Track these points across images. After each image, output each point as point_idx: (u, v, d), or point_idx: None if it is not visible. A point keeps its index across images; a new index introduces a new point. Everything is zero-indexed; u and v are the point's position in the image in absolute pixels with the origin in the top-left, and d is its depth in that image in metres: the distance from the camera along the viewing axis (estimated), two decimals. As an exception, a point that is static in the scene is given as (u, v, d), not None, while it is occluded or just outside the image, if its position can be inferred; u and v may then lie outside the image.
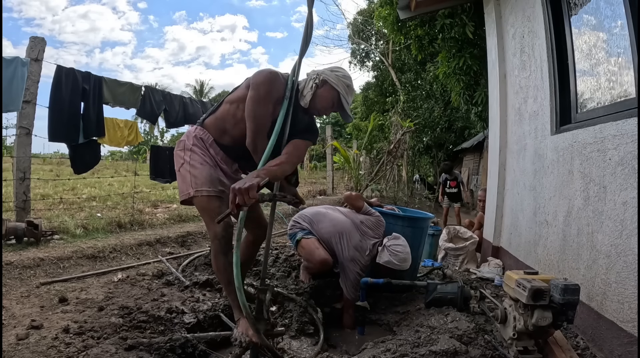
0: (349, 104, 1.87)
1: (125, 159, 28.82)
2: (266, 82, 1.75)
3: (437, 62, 6.90)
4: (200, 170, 1.86)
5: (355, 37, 16.87)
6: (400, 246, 2.54)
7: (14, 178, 3.61)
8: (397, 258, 2.49)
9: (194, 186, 1.83)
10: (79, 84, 3.98)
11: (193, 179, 1.84)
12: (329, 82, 1.82)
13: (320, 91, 1.83)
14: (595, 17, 2.41)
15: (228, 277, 1.77)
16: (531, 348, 1.83)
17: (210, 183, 1.85)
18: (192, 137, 1.92)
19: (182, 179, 1.89)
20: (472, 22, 4.65)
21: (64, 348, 1.73)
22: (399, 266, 2.51)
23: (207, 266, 3.19)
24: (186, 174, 1.87)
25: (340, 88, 1.83)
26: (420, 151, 13.43)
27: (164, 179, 5.10)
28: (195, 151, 1.90)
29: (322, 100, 1.84)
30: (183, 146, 1.93)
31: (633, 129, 1.77)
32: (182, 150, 1.93)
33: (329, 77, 1.83)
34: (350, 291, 2.52)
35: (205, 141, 1.93)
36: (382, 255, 2.53)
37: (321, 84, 1.83)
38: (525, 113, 3.28)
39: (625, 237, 1.81)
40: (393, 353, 1.80)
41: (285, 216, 6.17)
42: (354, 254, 2.52)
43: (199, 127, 1.96)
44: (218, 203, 1.84)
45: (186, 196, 1.84)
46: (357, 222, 2.65)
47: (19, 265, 2.88)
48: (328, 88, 1.83)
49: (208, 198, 1.82)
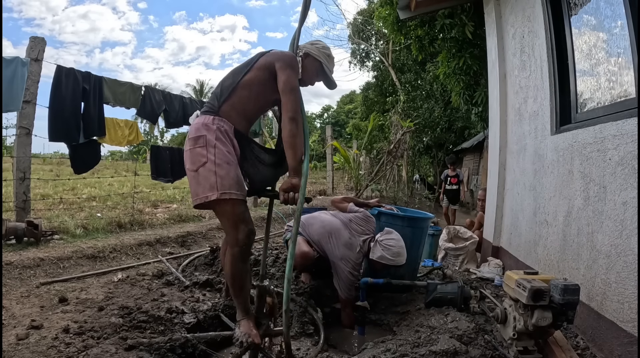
0: (331, 72, 2.03)
1: (125, 159, 28.84)
2: (297, 63, 1.89)
3: (437, 62, 6.91)
4: (227, 170, 1.69)
5: (355, 37, 16.86)
6: (392, 240, 2.52)
7: (14, 178, 3.61)
8: (390, 253, 2.47)
9: (220, 189, 1.65)
10: (79, 84, 3.98)
11: (219, 181, 1.66)
12: (311, 55, 1.97)
13: (305, 62, 1.97)
14: (595, 17, 2.41)
15: (241, 283, 1.76)
16: (531, 348, 1.83)
17: (239, 186, 1.71)
18: (214, 130, 1.72)
19: (203, 180, 1.68)
20: (472, 22, 4.65)
21: (64, 348, 1.73)
22: (393, 261, 2.48)
23: (207, 266, 3.20)
24: (209, 174, 1.67)
25: (321, 58, 1.98)
26: (420, 151, 13.43)
27: (166, 179, 5.09)
28: (219, 146, 1.71)
29: (307, 71, 1.98)
30: (204, 141, 1.70)
31: (633, 129, 1.77)
32: (204, 147, 1.70)
33: (311, 50, 1.97)
34: (345, 291, 2.51)
35: (229, 133, 1.77)
36: (374, 250, 2.52)
37: (305, 57, 1.97)
38: (525, 113, 3.28)
39: (625, 237, 1.81)
40: (393, 353, 1.80)
41: (286, 216, 6.17)
42: (344, 252, 2.52)
43: (217, 118, 1.76)
44: (243, 208, 1.73)
45: (204, 199, 1.66)
46: (346, 221, 2.68)
47: (19, 265, 2.88)
48: (311, 60, 1.98)
49: (234, 203, 1.68)
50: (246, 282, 1.78)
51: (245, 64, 1.91)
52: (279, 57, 1.85)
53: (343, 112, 39.58)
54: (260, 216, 5.64)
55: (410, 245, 2.92)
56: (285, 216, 6.17)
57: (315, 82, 2.07)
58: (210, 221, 5.29)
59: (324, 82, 2.07)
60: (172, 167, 5.07)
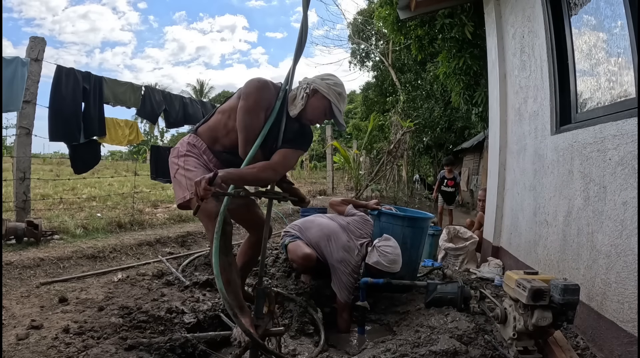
0: (341, 113, 1.86)
1: (125, 159, 28.83)
2: (255, 91, 1.77)
3: (437, 62, 6.91)
4: (195, 173, 1.86)
5: (355, 37, 16.87)
6: (390, 247, 2.53)
7: (14, 178, 3.61)
8: (386, 259, 2.48)
9: (190, 189, 1.83)
10: (79, 83, 3.98)
11: (188, 183, 1.85)
12: (320, 92, 1.81)
13: (312, 100, 1.82)
14: (595, 17, 2.41)
15: (227, 277, 1.76)
16: (531, 348, 1.83)
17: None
18: (186, 144, 1.98)
19: (178, 185, 1.92)
20: (472, 22, 4.65)
21: (64, 348, 1.73)
22: (388, 268, 2.48)
23: (207, 266, 3.19)
24: (181, 178, 1.90)
25: (331, 97, 1.81)
26: (420, 151, 13.45)
27: (165, 179, 5.10)
28: (188, 155, 1.95)
29: (313, 109, 1.83)
30: (177, 153, 1.98)
31: (633, 129, 1.77)
32: (176, 157, 1.97)
33: (320, 87, 1.81)
34: (343, 294, 2.51)
35: (198, 148, 1.98)
36: (371, 255, 2.53)
37: (312, 94, 1.81)
38: (525, 113, 3.28)
39: (625, 237, 1.81)
40: (393, 353, 1.80)
41: (286, 217, 6.17)
42: (343, 255, 2.52)
43: (192, 135, 2.01)
44: (214, 204, 1.80)
45: (182, 200, 1.87)
46: (344, 224, 2.69)
47: (19, 265, 2.88)
48: (319, 97, 1.82)
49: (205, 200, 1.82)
50: (232, 275, 1.78)
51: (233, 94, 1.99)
52: (244, 85, 1.85)
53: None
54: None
55: (410, 245, 2.92)
56: (285, 216, 6.17)
57: (321, 122, 1.95)
58: (210, 221, 5.29)
59: (334, 122, 1.91)
60: (171, 167, 5.06)
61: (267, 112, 1.80)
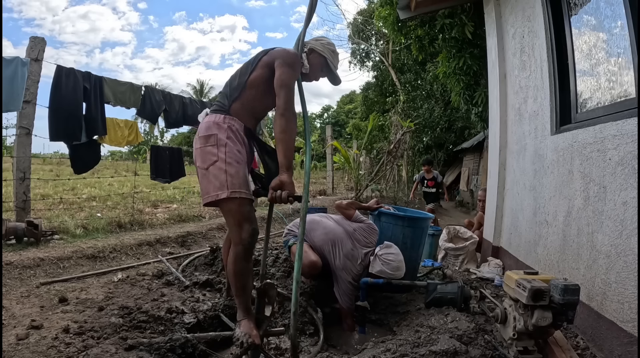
0: (336, 68, 2.07)
1: (125, 159, 28.82)
2: (297, 60, 1.88)
3: (437, 62, 6.90)
4: (237, 169, 1.73)
5: (355, 37, 16.86)
6: (392, 254, 2.52)
7: (14, 178, 3.61)
8: (390, 267, 2.48)
9: (230, 187, 1.69)
10: (80, 83, 3.98)
11: (229, 179, 1.69)
12: (315, 50, 2.00)
13: (310, 58, 2.00)
14: (595, 17, 2.41)
15: (243, 282, 1.78)
16: (531, 348, 1.83)
17: (247, 185, 1.76)
18: (226, 129, 1.77)
19: (214, 178, 1.71)
20: (472, 22, 4.65)
21: (64, 348, 1.73)
22: (392, 275, 2.49)
23: (207, 266, 3.19)
24: (219, 173, 1.70)
25: (326, 54, 2.01)
26: (420, 151, 13.42)
27: (164, 179, 5.10)
28: (230, 145, 1.75)
29: (311, 66, 2.00)
30: (215, 140, 1.74)
31: (633, 129, 1.77)
32: (214, 146, 1.74)
33: (316, 46, 2.00)
34: (345, 301, 2.51)
35: (239, 131, 1.81)
36: (374, 264, 2.52)
37: (309, 52, 1.99)
38: (525, 113, 3.28)
39: (625, 237, 1.81)
40: (393, 353, 1.80)
41: (286, 216, 6.17)
42: (346, 263, 2.51)
43: (228, 117, 1.80)
44: (249, 208, 1.75)
45: (215, 197, 1.69)
46: (350, 230, 2.64)
47: (19, 265, 2.88)
48: (316, 55, 2.01)
49: (241, 201, 1.72)
50: (248, 281, 1.79)
51: (250, 62, 1.93)
52: (279, 54, 1.85)
53: (343, 112, 39.56)
54: (261, 216, 5.63)
55: (410, 245, 2.92)
56: (286, 216, 6.17)
57: (319, 78, 2.10)
58: (210, 221, 5.30)
59: (328, 77, 2.10)
60: (170, 167, 5.07)
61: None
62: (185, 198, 6.91)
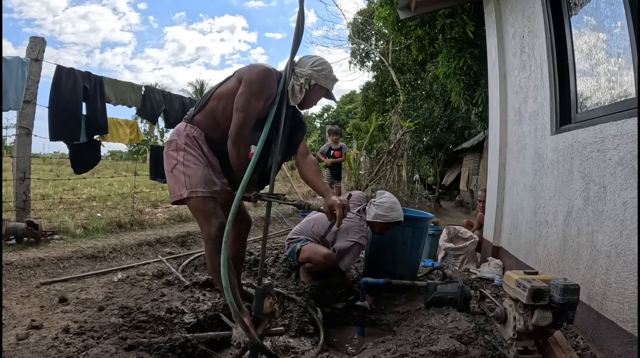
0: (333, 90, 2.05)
1: (125, 159, 28.82)
2: (260, 80, 1.82)
3: (437, 62, 6.90)
4: (195, 170, 1.85)
5: (355, 37, 16.85)
6: (384, 197, 2.59)
7: (14, 178, 3.61)
8: (382, 208, 2.50)
9: (189, 187, 1.83)
10: (79, 83, 3.97)
11: (187, 180, 1.83)
12: (318, 84, 1.94)
13: (312, 91, 1.95)
14: (595, 17, 2.41)
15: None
16: (531, 348, 1.83)
17: (205, 184, 1.86)
18: (184, 136, 1.91)
19: (175, 180, 1.87)
20: (472, 22, 4.65)
21: (64, 348, 1.73)
22: (388, 217, 2.50)
23: (206, 266, 3.19)
24: (179, 175, 1.86)
25: (329, 86, 1.98)
26: (420, 151, 13.41)
27: (164, 180, 5.08)
28: (188, 150, 1.89)
29: (313, 99, 1.99)
30: (175, 146, 1.91)
31: (633, 129, 1.77)
32: (175, 150, 1.90)
33: (319, 80, 1.93)
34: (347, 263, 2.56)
35: (197, 139, 1.92)
36: (369, 211, 2.58)
37: (313, 85, 1.93)
38: (525, 113, 3.28)
39: (625, 237, 1.81)
40: (393, 353, 1.80)
41: (285, 216, 6.17)
42: (346, 225, 2.54)
43: (189, 125, 1.94)
44: (213, 204, 1.85)
45: (178, 197, 1.84)
46: None
47: (19, 265, 2.88)
48: (318, 89, 1.96)
49: (203, 199, 1.83)
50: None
51: (228, 76, 1.97)
52: (246, 70, 1.86)
53: (343, 112, 39.54)
54: (260, 216, 5.64)
55: (410, 245, 2.93)
56: (286, 216, 6.17)
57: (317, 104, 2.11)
58: (210, 221, 5.28)
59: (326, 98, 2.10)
60: (171, 167, 5.06)
61: (268, 102, 1.86)
62: (185, 198, 6.89)
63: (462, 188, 13.03)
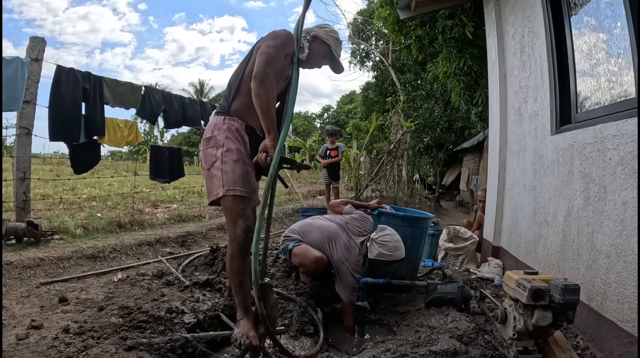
0: (339, 56, 2.05)
1: (125, 159, 28.81)
2: (283, 36, 1.85)
3: (437, 62, 6.89)
4: (233, 167, 1.79)
5: (355, 37, 16.85)
6: (387, 235, 2.51)
7: (14, 178, 3.61)
8: (387, 248, 2.44)
9: (226, 185, 1.76)
10: (79, 83, 3.98)
11: (224, 177, 1.77)
12: (319, 38, 1.98)
13: (313, 45, 1.98)
14: (595, 17, 2.41)
15: (241, 280, 1.79)
16: (531, 348, 1.83)
17: (243, 183, 1.80)
18: (225, 130, 1.83)
19: (213, 179, 1.80)
20: (472, 22, 4.65)
21: (64, 348, 1.73)
22: (392, 256, 2.45)
23: (207, 266, 3.19)
24: (217, 172, 1.79)
25: (330, 41, 1.99)
26: (420, 151, 13.41)
27: (164, 179, 5.10)
28: (229, 145, 1.82)
29: (314, 53, 1.99)
30: (215, 142, 1.83)
31: (633, 129, 1.77)
32: (214, 147, 1.83)
33: (319, 33, 1.98)
34: (347, 294, 2.49)
35: (239, 130, 1.86)
36: (371, 249, 2.50)
37: (312, 40, 1.98)
38: (525, 113, 3.28)
39: (625, 237, 1.81)
40: (393, 353, 1.80)
41: (286, 216, 6.17)
42: (344, 254, 2.51)
43: (227, 117, 1.87)
44: (242, 205, 1.80)
45: (215, 196, 1.78)
46: (343, 223, 2.68)
47: (19, 265, 2.88)
48: (319, 43, 1.99)
49: (235, 198, 1.78)
50: (245, 280, 1.79)
51: (245, 57, 1.94)
52: (267, 35, 1.87)
53: (343, 112, 39.58)
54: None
55: (410, 245, 2.92)
56: (286, 216, 6.17)
57: (322, 65, 2.08)
58: (210, 221, 5.29)
59: (331, 65, 2.07)
60: (170, 168, 5.08)
61: (287, 61, 1.87)
62: (185, 198, 6.91)
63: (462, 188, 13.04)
